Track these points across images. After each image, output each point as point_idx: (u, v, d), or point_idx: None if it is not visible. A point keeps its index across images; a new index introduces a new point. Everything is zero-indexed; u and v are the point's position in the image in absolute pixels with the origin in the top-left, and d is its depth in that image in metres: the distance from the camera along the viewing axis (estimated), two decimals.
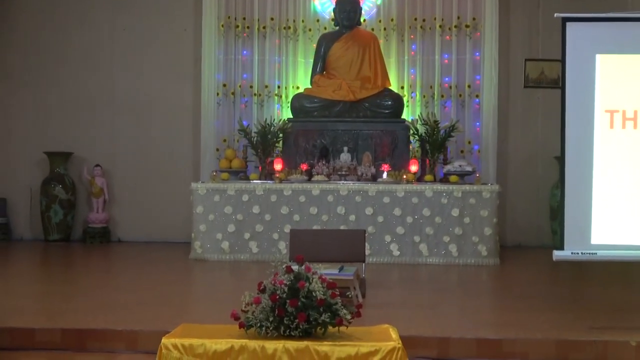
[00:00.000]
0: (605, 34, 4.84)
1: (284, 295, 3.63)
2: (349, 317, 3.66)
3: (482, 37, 8.63)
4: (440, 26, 8.71)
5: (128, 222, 8.94)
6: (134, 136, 8.96)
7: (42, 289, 6.18)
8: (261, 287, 3.72)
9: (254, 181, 7.64)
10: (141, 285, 6.11)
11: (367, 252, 6.13)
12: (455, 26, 8.70)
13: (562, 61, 4.82)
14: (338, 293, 3.73)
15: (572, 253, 4.77)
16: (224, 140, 8.71)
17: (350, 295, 5.11)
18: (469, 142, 8.64)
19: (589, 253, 4.76)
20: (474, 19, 8.70)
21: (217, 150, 8.64)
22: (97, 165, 8.81)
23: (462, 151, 8.59)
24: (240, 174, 7.99)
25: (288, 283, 3.66)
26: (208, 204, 7.47)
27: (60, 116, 8.96)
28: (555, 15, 4.86)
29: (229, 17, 8.82)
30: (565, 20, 4.84)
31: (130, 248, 8.45)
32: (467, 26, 8.70)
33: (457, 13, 8.71)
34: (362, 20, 8.71)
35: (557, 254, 4.79)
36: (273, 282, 3.71)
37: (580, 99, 4.78)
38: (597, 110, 4.77)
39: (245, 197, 7.42)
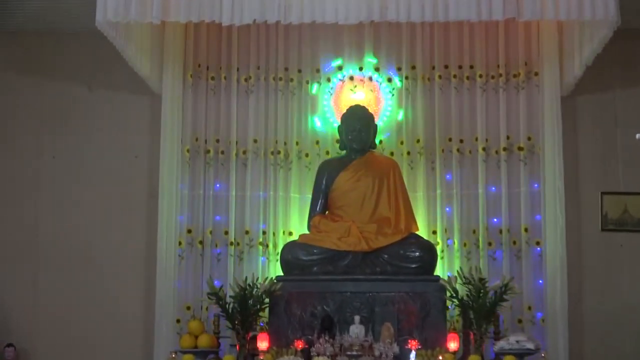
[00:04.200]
0: None
1: None
2: None
3: (542, 163, 8.70)
4: (484, 149, 8.80)
5: None
6: (61, 303, 8.87)
7: None
8: None
9: None
10: None
11: None
12: (505, 149, 8.79)
13: None
14: None
15: None
16: (188, 308, 8.57)
17: None
18: (529, 308, 8.52)
19: None
20: (529, 138, 8.81)
21: (178, 321, 8.50)
22: (9, 345, 8.64)
23: (519, 321, 8.46)
24: (210, 356, 7.82)
25: None
26: None
27: None
28: (638, 136, 4.87)
29: (196, 139, 8.93)
30: None
31: None
32: (520, 149, 8.80)
33: (506, 132, 8.83)
34: (377, 141, 8.83)
35: None
36: None
37: None
38: None
39: None
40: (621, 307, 8.69)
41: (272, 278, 8.17)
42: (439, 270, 8.37)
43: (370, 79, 9.08)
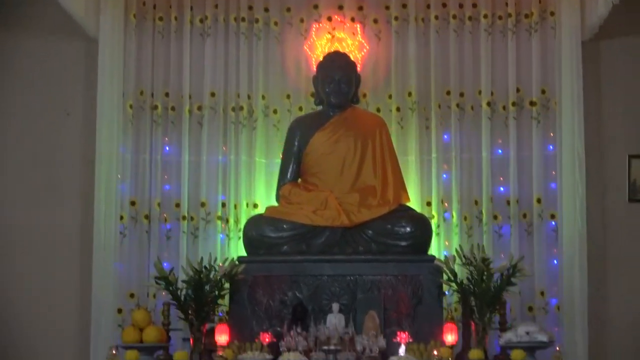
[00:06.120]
0: None
1: None
2: None
3: (558, 120, 8.78)
4: (488, 104, 8.87)
5: None
6: None
7: None
8: None
9: None
10: None
11: None
12: (514, 104, 8.86)
13: None
14: None
15: None
16: (132, 296, 8.66)
17: None
18: (542, 294, 8.61)
19: None
20: (543, 92, 8.89)
21: (120, 311, 8.57)
22: None
23: (530, 308, 8.57)
24: (159, 352, 7.86)
25: None
26: None
27: None
28: None
29: (141, 93, 8.97)
30: None
31: None
32: (532, 104, 8.87)
33: (515, 83, 8.91)
34: (360, 95, 8.88)
35: None
36: None
37: None
38: None
39: None
40: None
41: (233, 259, 8.19)
42: (434, 249, 8.47)
43: (353, 20, 9.11)
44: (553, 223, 8.74)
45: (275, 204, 8.56)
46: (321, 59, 8.84)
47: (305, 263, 8.06)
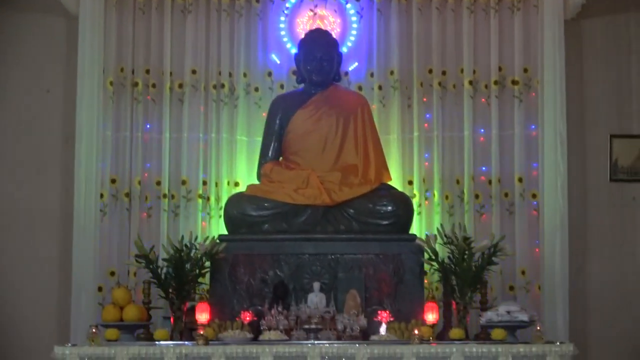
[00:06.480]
0: None
1: None
2: None
3: (540, 99, 8.80)
4: (470, 82, 8.89)
5: None
6: None
7: None
8: None
9: (162, 342, 7.48)
10: None
11: None
12: (496, 83, 8.88)
13: None
14: None
15: None
16: (112, 274, 8.67)
17: None
18: (523, 273, 8.66)
19: None
20: (525, 70, 8.91)
21: (100, 290, 8.59)
22: None
23: (511, 288, 8.62)
24: (139, 331, 7.86)
25: None
26: None
27: None
28: None
29: (121, 70, 8.94)
30: None
31: None
32: (514, 82, 8.90)
33: (497, 62, 8.92)
34: (342, 73, 8.90)
35: None
36: None
37: None
38: None
39: None
40: (632, 272, 8.84)
41: (214, 237, 8.21)
42: (415, 228, 8.50)
43: None
44: (535, 203, 8.77)
45: (257, 182, 8.58)
46: (303, 36, 8.84)
47: (287, 242, 8.08)
